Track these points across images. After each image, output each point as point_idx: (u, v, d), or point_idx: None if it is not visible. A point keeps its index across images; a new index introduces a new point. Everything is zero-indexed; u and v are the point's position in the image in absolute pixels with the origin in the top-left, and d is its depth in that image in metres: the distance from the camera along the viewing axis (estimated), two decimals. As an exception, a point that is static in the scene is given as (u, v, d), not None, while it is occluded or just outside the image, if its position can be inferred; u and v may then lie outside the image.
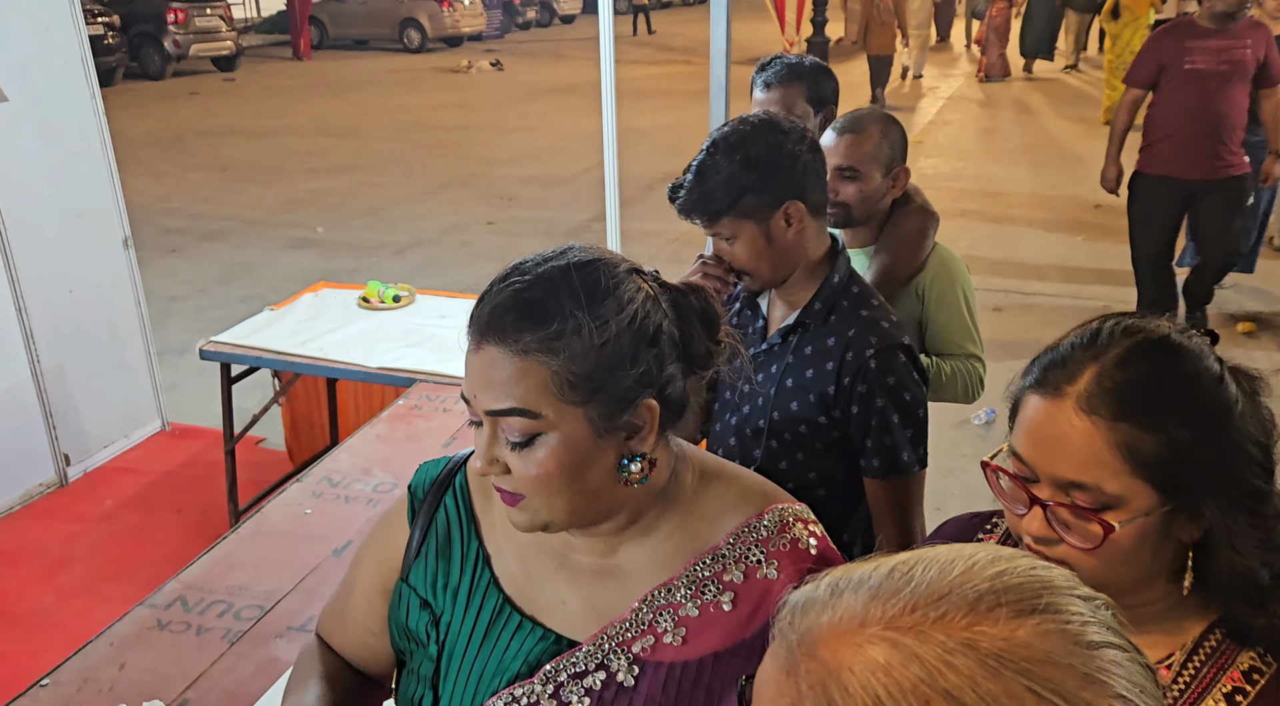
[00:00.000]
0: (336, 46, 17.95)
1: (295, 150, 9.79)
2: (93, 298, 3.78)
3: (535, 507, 0.86)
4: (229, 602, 1.95)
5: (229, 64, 14.75)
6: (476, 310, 0.85)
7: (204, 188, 8.31)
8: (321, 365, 3.07)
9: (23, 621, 2.93)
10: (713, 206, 1.45)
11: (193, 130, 10.57)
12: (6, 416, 3.51)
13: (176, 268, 6.24)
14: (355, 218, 7.49)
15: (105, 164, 3.74)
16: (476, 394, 0.84)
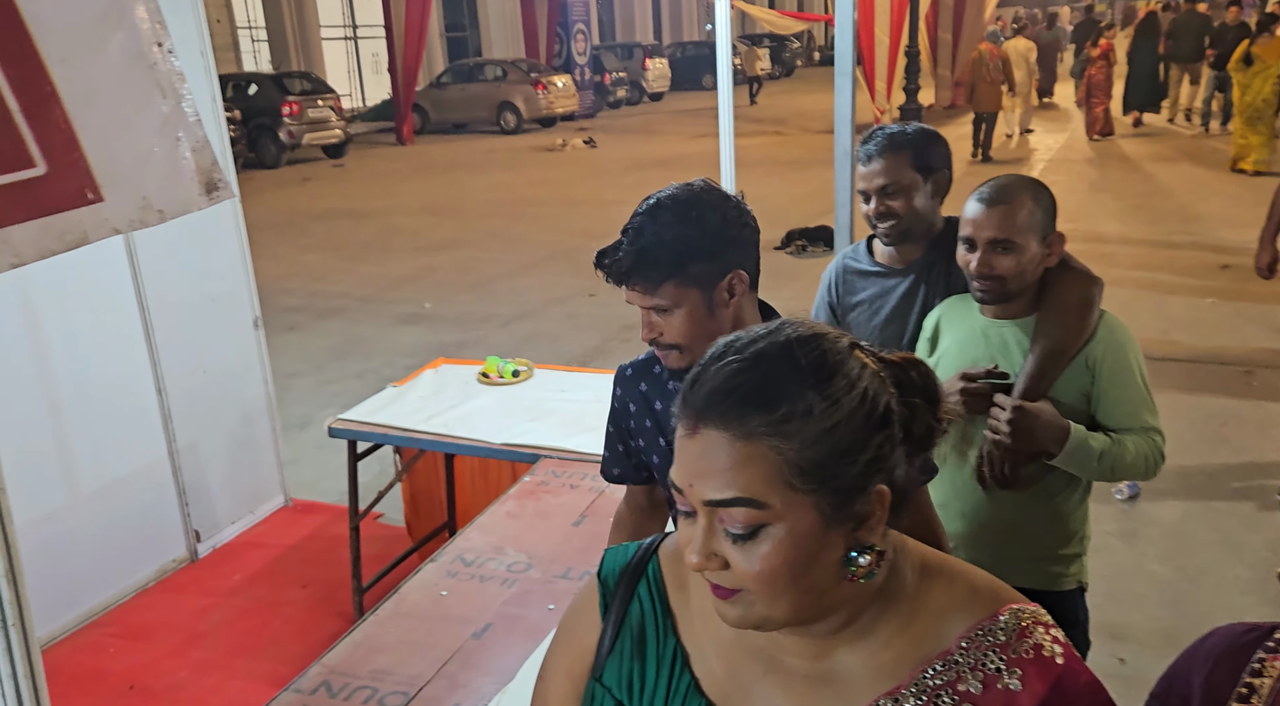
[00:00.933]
0: (437, 131, 18.73)
1: (402, 229, 10.15)
2: (224, 377, 3.91)
3: (752, 602, 0.80)
4: (373, 688, 1.92)
5: (338, 151, 15.51)
6: (690, 393, 0.80)
7: (319, 267, 8.65)
8: (446, 441, 3.08)
9: (160, 697, 2.96)
10: (656, 271, 1.34)
11: (306, 214, 11.09)
12: (143, 493, 3.62)
13: (295, 344, 6.46)
14: (461, 292, 7.67)
15: (239, 250, 3.91)
16: (693, 483, 0.79)
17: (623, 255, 1.36)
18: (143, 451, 3.60)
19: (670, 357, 1.43)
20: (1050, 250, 1.75)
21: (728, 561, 0.79)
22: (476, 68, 19.21)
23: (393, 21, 16.54)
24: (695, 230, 1.35)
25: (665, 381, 1.56)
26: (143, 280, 3.51)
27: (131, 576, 3.58)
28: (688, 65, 25.88)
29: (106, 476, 3.49)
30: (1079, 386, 1.74)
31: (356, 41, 21.39)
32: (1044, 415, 1.67)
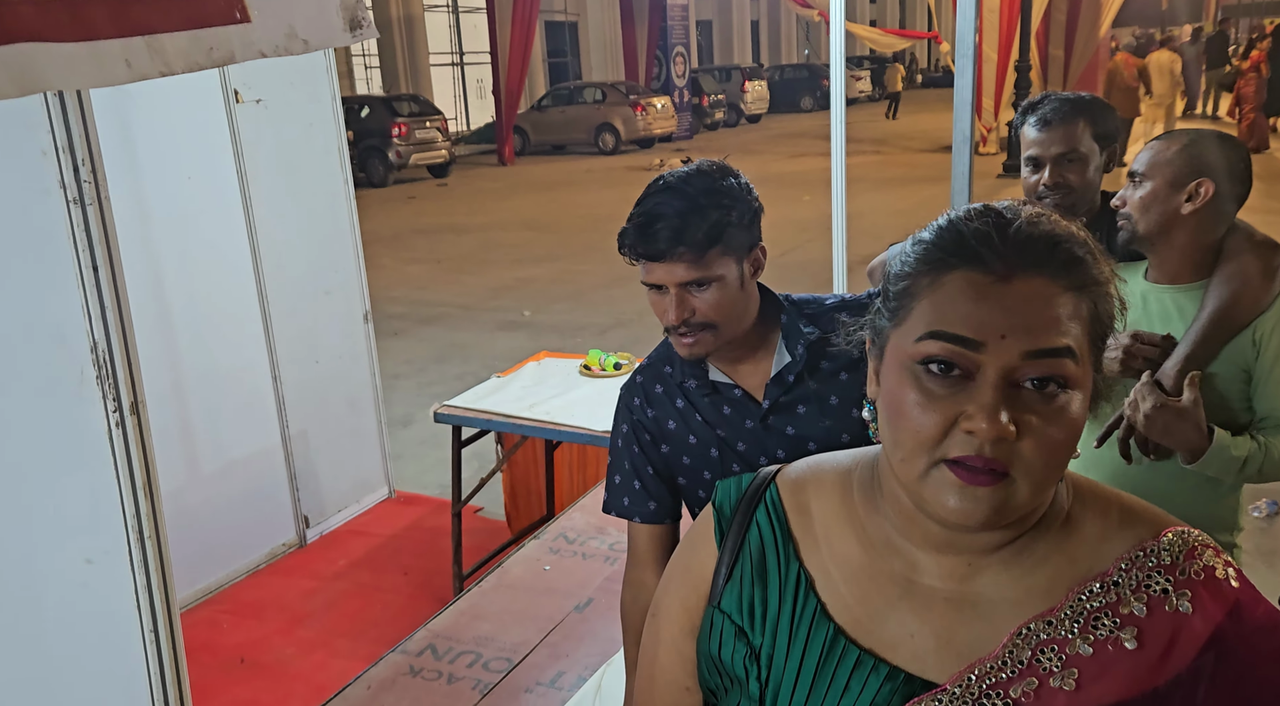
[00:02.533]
0: (537, 152, 19.13)
1: (501, 243, 10.37)
2: (335, 368, 4.04)
3: (1017, 487, 0.71)
4: (477, 653, 1.93)
5: (443, 171, 15.98)
6: (994, 239, 0.73)
7: (421, 278, 8.90)
8: (548, 428, 3.10)
9: (268, 670, 3.05)
10: (704, 237, 1.29)
11: (410, 229, 11.44)
12: (258, 478, 3.76)
13: (399, 348, 6.64)
14: (559, 302, 7.77)
15: (353, 245, 4.04)
16: (1006, 333, 0.70)
17: (664, 225, 1.30)
18: (258, 437, 3.74)
19: (701, 342, 1.36)
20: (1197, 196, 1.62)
21: (1020, 431, 0.70)
22: (576, 90, 19.57)
23: (498, 48, 17.02)
24: (728, 198, 1.33)
25: (678, 384, 1.48)
26: (263, 271, 3.66)
27: (244, 557, 3.70)
28: (786, 88, 25.83)
29: (224, 459, 3.63)
30: (1241, 362, 1.61)
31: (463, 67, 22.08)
32: (1187, 418, 1.54)
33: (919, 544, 0.80)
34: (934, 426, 0.71)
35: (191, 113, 3.36)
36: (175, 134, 3.32)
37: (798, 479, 0.93)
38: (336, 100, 3.89)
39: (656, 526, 1.50)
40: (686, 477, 1.49)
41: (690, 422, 1.46)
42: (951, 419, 0.71)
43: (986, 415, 0.69)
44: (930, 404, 0.72)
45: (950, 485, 0.71)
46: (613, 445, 1.54)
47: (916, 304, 0.75)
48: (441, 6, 21.19)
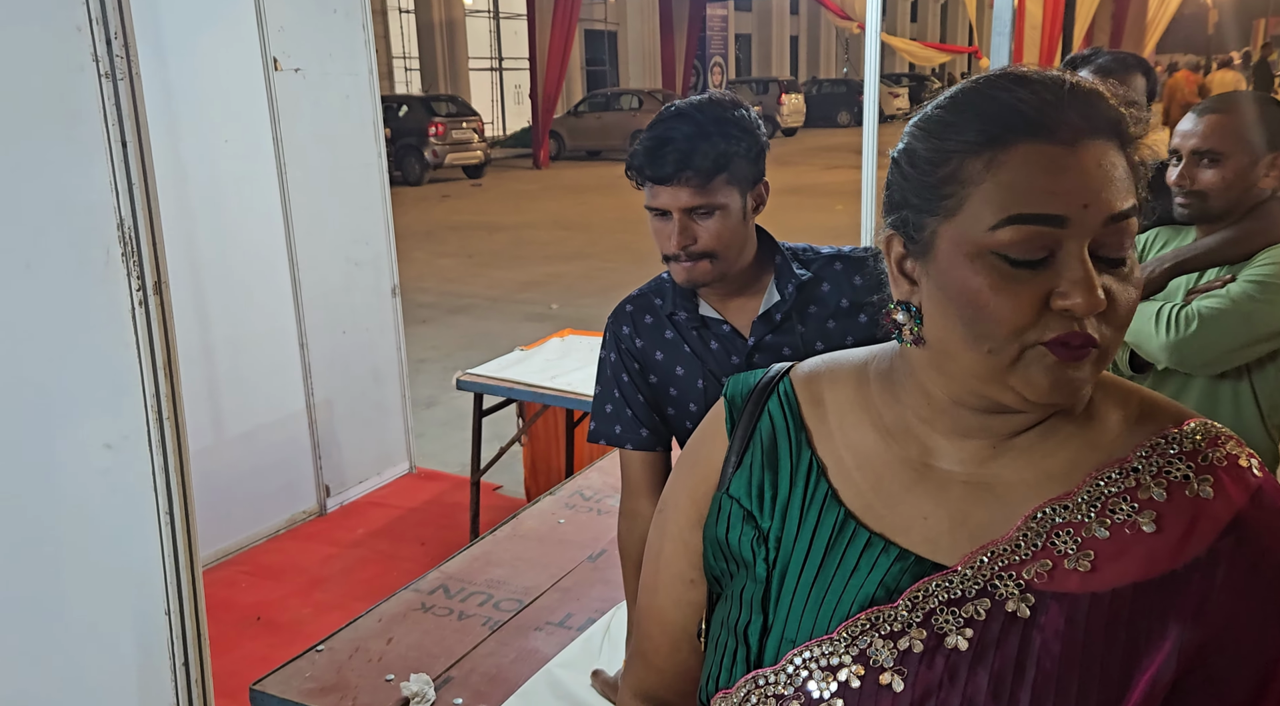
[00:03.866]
0: (572, 157, 19.26)
1: (533, 241, 10.43)
2: (362, 340, 4.07)
3: (1102, 355, 0.69)
4: (489, 594, 1.93)
5: (478, 171, 16.12)
6: (1058, 105, 0.69)
7: (451, 271, 8.97)
8: (569, 397, 3.11)
9: (284, 629, 3.07)
10: (711, 164, 1.31)
11: (443, 225, 11.55)
12: (282, 445, 3.79)
13: (426, 335, 6.69)
14: (586, 297, 7.79)
15: (384, 218, 4.08)
16: (1090, 201, 0.67)
17: (672, 148, 1.32)
18: (284, 403, 3.77)
19: (699, 269, 1.37)
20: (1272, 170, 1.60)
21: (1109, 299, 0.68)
22: (613, 97, 19.68)
23: (537, 54, 17.18)
24: (737, 129, 1.35)
25: (667, 315, 1.49)
26: (295, 239, 3.71)
27: (265, 522, 3.73)
28: (824, 102, 25.80)
29: (250, 423, 3.67)
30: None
31: (501, 72, 22.30)
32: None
33: (943, 431, 0.78)
34: (1027, 310, 0.68)
35: (231, 78, 3.42)
36: (215, 98, 3.37)
37: (812, 371, 0.92)
38: (374, 75, 3.94)
39: (649, 454, 1.50)
40: (674, 407, 1.50)
41: (678, 354, 1.48)
42: (1043, 299, 0.68)
43: (1082, 290, 0.66)
44: (1017, 289, 0.68)
45: (1049, 366, 0.68)
46: (601, 373, 1.55)
47: (974, 189, 0.70)
48: (483, 12, 21.43)
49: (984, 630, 0.72)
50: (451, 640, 1.76)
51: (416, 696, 1.57)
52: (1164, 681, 0.70)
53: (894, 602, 0.75)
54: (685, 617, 0.92)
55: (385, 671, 1.67)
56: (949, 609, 0.74)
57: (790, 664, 0.77)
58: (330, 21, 3.73)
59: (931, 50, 22.28)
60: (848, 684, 0.74)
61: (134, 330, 1.12)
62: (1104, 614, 0.71)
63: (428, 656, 1.71)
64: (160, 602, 1.19)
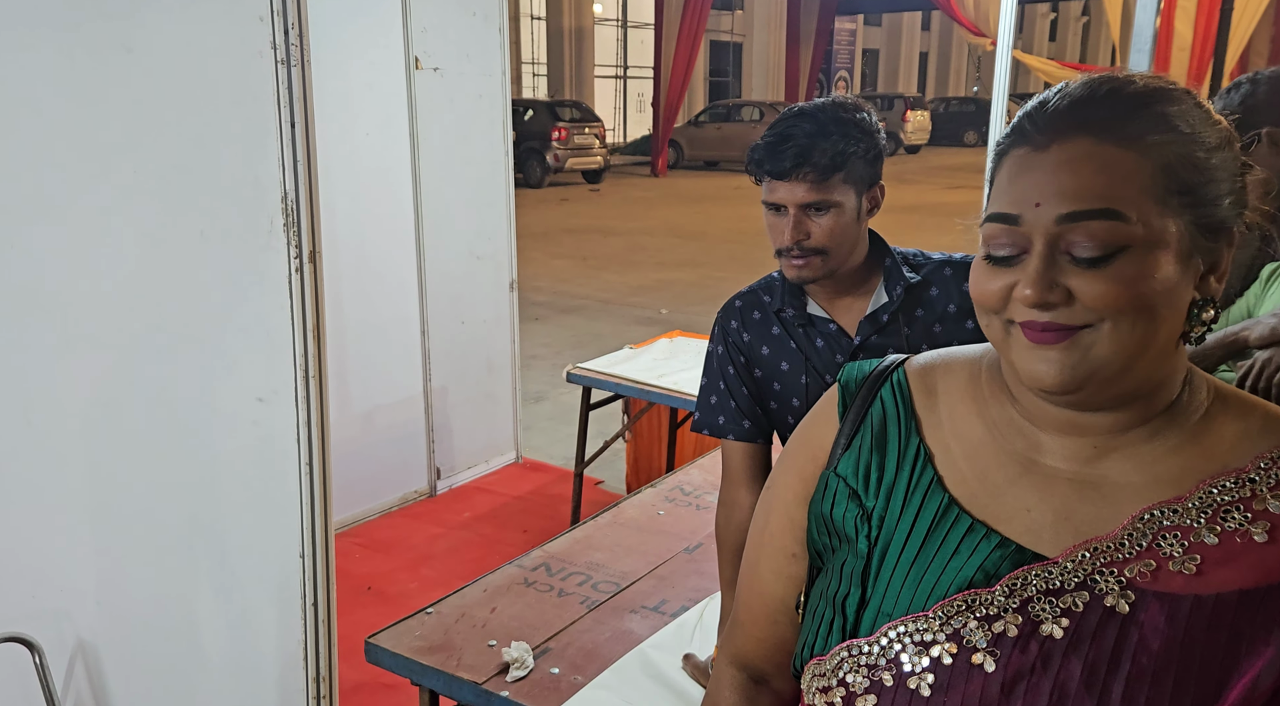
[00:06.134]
0: (690, 167, 19.37)
1: (646, 247, 10.56)
2: (479, 332, 4.23)
3: (1093, 342, 0.72)
4: (588, 575, 2.00)
5: (596, 177, 16.42)
6: (1038, 113, 0.75)
7: (565, 272, 9.17)
8: (675, 396, 3.16)
9: (392, 600, 3.22)
10: (829, 162, 1.36)
11: (560, 228, 11.81)
12: (399, 427, 3.97)
13: (538, 332, 6.87)
14: (696, 304, 7.85)
15: (506, 214, 4.23)
16: (1040, 201, 0.72)
17: (792, 145, 1.37)
18: (403, 387, 3.96)
19: (809, 266, 1.41)
20: None
21: (1070, 294, 0.72)
22: (734, 108, 19.71)
23: (661, 63, 17.39)
24: (858, 130, 1.39)
25: (774, 312, 1.52)
26: (423, 231, 3.89)
27: (379, 498, 3.92)
28: (950, 121, 25.18)
29: (371, 403, 3.86)
30: None
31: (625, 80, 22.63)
32: None
33: (1045, 427, 0.80)
34: (994, 297, 0.75)
35: (375, 74, 3.62)
36: (359, 93, 3.58)
37: (927, 363, 0.95)
38: (506, 76, 4.10)
39: (750, 445, 1.54)
40: (776, 402, 1.54)
41: (783, 350, 1.51)
42: (1008, 291, 0.74)
43: (1028, 282, 0.72)
44: (991, 280, 0.75)
45: (1024, 346, 0.74)
46: (707, 366, 1.60)
47: (989, 197, 0.78)
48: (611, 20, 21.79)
49: (1081, 621, 0.73)
50: (551, 614, 1.84)
51: (516, 662, 1.65)
52: (1263, 688, 0.70)
53: (991, 587, 0.77)
54: (784, 590, 0.95)
55: (488, 637, 1.75)
56: (1046, 598, 0.75)
57: (884, 636, 0.80)
58: (469, 24, 3.90)
59: (1069, 70, 21.44)
60: (939, 660, 0.76)
61: (289, 294, 1.23)
62: (1206, 617, 0.71)
63: (528, 627, 1.79)
64: (296, 544, 1.29)
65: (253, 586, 1.37)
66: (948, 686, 0.76)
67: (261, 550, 1.34)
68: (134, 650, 1.55)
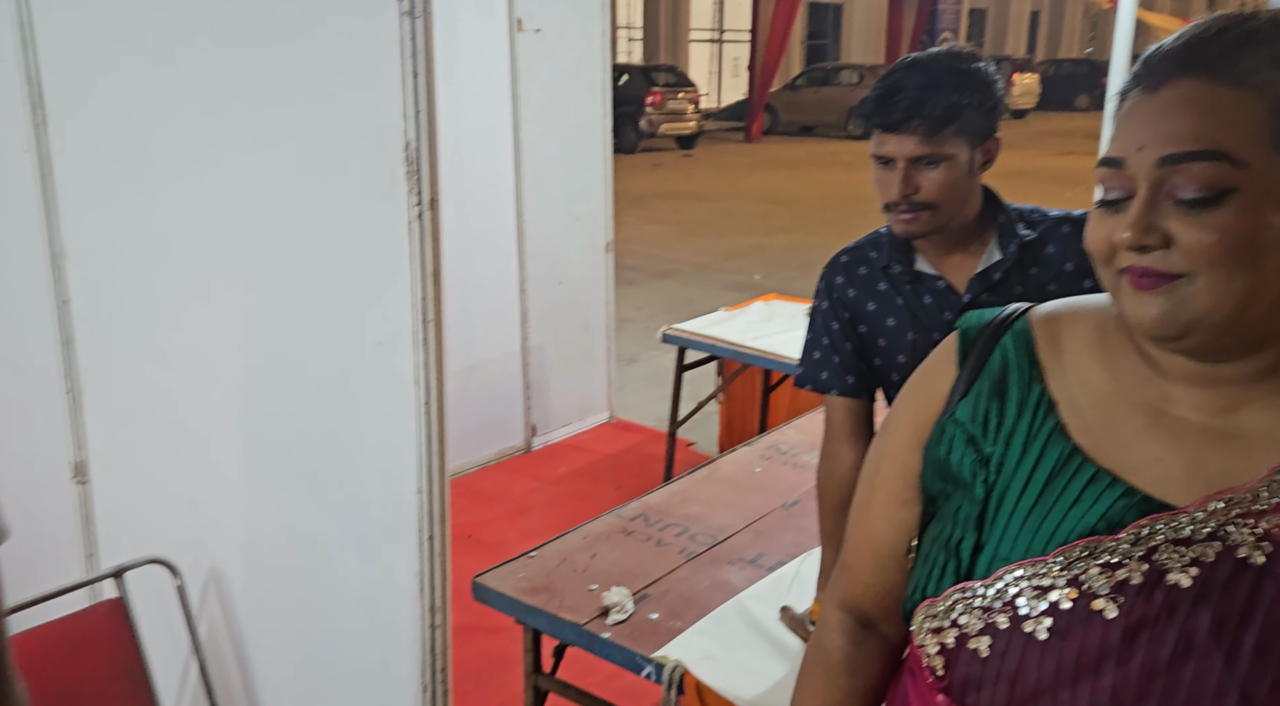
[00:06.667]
0: (785, 132, 19.05)
1: (740, 213, 10.48)
2: (575, 292, 4.29)
3: (1193, 293, 0.71)
4: (685, 527, 2.03)
5: (689, 142, 16.31)
6: (1152, 57, 0.74)
7: (658, 237, 9.19)
8: (770, 358, 3.16)
9: (490, 548, 3.33)
10: (940, 114, 1.31)
11: (653, 193, 11.81)
12: (497, 383, 4.07)
13: (631, 295, 6.92)
14: (790, 270, 7.77)
15: (603, 176, 4.27)
16: (1145, 144, 0.71)
17: (903, 97, 1.33)
18: (502, 344, 4.05)
19: (917, 221, 1.38)
20: None
21: (1170, 239, 0.71)
22: (832, 71, 19.27)
23: (759, 26, 17.09)
24: (974, 81, 1.34)
25: (881, 268, 1.49)
26: (523, 191, 3.95)
27: (478, 452, 4.04)
28: (1060, 84, 24.07)
29: (472, 359, 3.97)
30: None
31: (721, 44, 22.34)
32: None
33: (1173, 378, 0.79)
34: (1103, 243, 0.75)
35: (478, 37, 3.67)
36: (463, 55, 3.64)
37: (1052, 311, 0.93)
38: (605, 38, 4.11)
39: (853, 400, 1.53)
40: (881, 358, 1.52)
41: (890, 306, 1.49)
42: (1111, 237, 0.74)
43: (1126, 224, 0.71)
44: (1100, 224, 0.75)
45: (1128, 292, 0.74)
46: (812, 321, 1.59)
47: None
48: (708, -17, 21.49)
49: (1211, 571, 0.72)
50: (650, 562, 1.88)
51: (617, 606, 1.70)
52: None
53: (1115, 535, 0.77)
54: (895, 535, 0.95)
55: (589, 581, 1.80)
56: (1174, 547, 0.74)
57: (1000, 580, 0.80)
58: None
59: (1193, 28, 20.18)
60: (1058, 604, 0.76)
61: (409, 241, 1.28)
62: None
63: (627, 573, 1.83)
64: (413, 481, 1.36)
65: (373, 521, 1.44)
66: (1065, 631, 0.76)
67: (381, 487, 1.41)
68: (261, 578, 1.66)
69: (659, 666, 1.56)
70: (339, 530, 1.50)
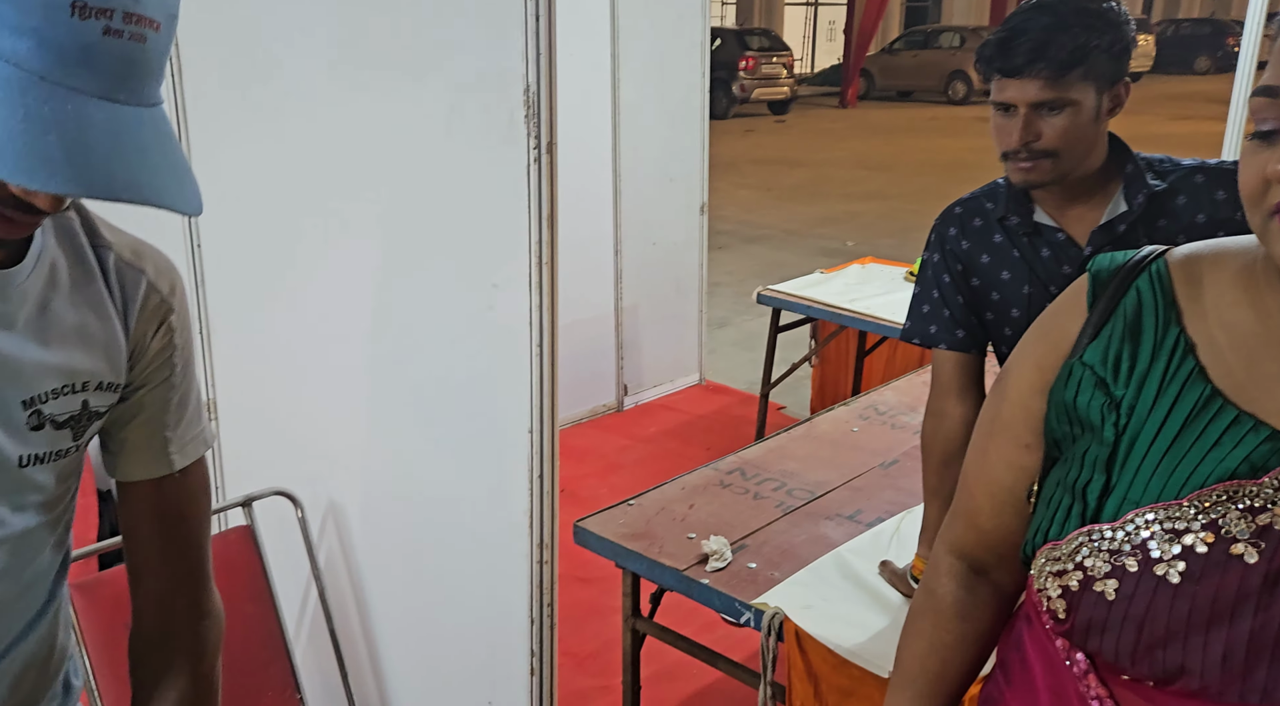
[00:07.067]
0: (881, 97, 18.56)
1: (833, 179, 10.30)
2: (668, 253, 4.30)
3: None
4: (782, 481, 2.04)
5: (782, 107, 16.05)
6: None
7: (750, 202, 9.11)
8: (867, 320, 3.12)
9: (584, 501, 3.38)
10: (1066, 57, 1.26)
11: (745, 158, 11.69)
12: (591, 341, 4.12)
13: (722, 260, 6.89)
14: (884, 236, 7.62)
15: (700, 137, 4.25)
16: None
17: (1026, 40, 1.28)
18: (597, 303, 4.10)
19: (1037, 170, 1.33)
20: None
21: None
22: (933, 34, 18.64)
23: (856, -13, 16.65)
24: (1102, 21, 1.29)
25: (997, 220, 1.44)
26: (620, 151, 3.96)
27: (571, 409, 4.10)
28: (1179, 44, 22.77)
29: (567, 316, 3.95)
30: None
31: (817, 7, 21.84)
32: None
33: None
34: (1255, 179, 0.72)
35: (580, -4, 3.68)
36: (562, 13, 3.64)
37: (1192, 253, 0.91)
38: (706, 39, 4.07)
39: (962, 355, 1.51)
40: (994, 312, 1.49)
41: (1005, 259, 1.45)
42: (1264, 171, 0.71)
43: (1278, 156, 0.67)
44: (1250, 161, 0.72)
45: (1276, 233, 0.71)
46: (922, 275, 1.56)
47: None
48: (804, -56, 20.98)
49: None
50: (747, 514, 1.89)
51: (715, 554, 1.72)
52: None
53: (1258, 479, 0.75)
54: (1014, 480, 0.94)
55: (687, 530, 1.83)
56: None
57: (1130, 523, 0.78)
58: (671, -56, 3.89)
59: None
60: (1193, 548, 0.75)
61: (526, 184, 1.31)
62: None
63: (725, 524, 1.85)
64: (525, 421, 1.40)
65: (484, 460, 1.49)
66: (1200, 575, 0.74)
67: (494, 427, 1.46)
68: (377, 512, 1.73)
69: (759, 613, 1.58)
70: (452, 468, 1.55)
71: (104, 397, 0.82)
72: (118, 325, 0.82)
